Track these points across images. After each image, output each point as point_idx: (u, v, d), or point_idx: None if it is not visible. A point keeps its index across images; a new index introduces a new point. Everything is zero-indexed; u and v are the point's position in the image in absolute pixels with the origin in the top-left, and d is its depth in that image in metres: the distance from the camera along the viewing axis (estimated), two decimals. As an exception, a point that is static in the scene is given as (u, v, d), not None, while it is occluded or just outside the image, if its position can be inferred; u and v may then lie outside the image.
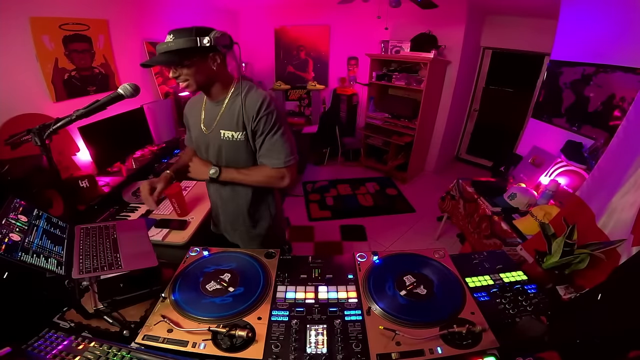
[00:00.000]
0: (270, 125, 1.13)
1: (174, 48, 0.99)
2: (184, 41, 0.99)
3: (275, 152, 1.16)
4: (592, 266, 1.04)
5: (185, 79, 1.06)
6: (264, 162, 1.19)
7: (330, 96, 4.70)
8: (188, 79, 1.06)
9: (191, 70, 1.04)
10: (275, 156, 1.17)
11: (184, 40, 0.98)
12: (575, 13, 2.33)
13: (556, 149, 2.31)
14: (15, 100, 1.74)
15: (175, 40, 0.99)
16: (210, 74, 1.09)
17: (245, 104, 1.12)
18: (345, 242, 3.04)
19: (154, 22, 2.81)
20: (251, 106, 1.11)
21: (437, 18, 3.55)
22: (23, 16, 1.76)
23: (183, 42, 0.99)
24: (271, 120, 1.13)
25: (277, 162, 1.17)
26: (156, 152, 2.59)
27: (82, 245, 1.00)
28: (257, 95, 1.12)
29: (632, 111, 1.24)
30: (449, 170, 4.62)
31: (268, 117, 1.12)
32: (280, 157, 1.16)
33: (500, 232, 1.90)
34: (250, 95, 1.13)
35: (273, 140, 1.15)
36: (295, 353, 0.77)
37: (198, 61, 1.05)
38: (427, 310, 0.88)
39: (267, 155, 1.17)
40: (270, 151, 1.16)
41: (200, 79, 1.08)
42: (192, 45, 0.99)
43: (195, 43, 0.99)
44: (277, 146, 1.16)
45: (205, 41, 0.99)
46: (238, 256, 1.11)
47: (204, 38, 0.99)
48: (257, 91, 1.14)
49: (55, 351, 0.76)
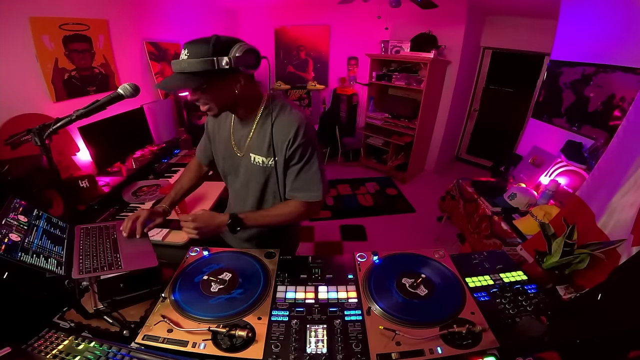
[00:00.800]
0: (308, 155, 1.03)
1: (188, 70, 0.87)
2: (199, 63, 0.85)
3: (313, 184, 1.06)
4: (592, 266, 1.04)
5: (205, 103, 0.96)
6: (298, 196, 1.08)
7: (330, 96, 4.71)
8: (208, 103, 0.96)
9: (210, 95, 0.93)
10: (312, 189, 1.07)
11: (199, 62, 0.85)
12: (575, 13, 2.34)
13: (556, 149, 2.31)
14: (15, 100, 1.74)
15: (189, 61, 0.86)
16: (232, 96, 0.96)
17: (277, 128, 1.01)
18: (345, 242, 3.04)
19: (154, 22, 2.81)
20: (284, 131, 1.00)
21: (437, 18, 3.55)
22: (23, 16, 1.76)
23: (198, 63, 0.85)
24: (308, 150, 1.03)
25: (314, 195, 1.07)
26: (156, 152, 2.59)
27: (82, 246, 1.00)
28: (292, 118, 1.01)
29: (632, 111, 1.25)
30: (449, 170, 4.62)
31: (305, 146, 1.02)
32: (318, 190, 1.07)
33: (500, 232, 1.90)
34: (282, 118, 1.02)
35: (311, 172, 1.05)
36: (295, 353, 0.77)
37: (217, 84, 0.92)
38: (427, 310, 0.88)
39: (304, 188, 1.07)
40: (308, 183, 1.06)
41: (222, 102, 0.97)
42: (208, 68, 0.85)
43: (212, 65, 0.85)
44: (315, 178, 1.06)
45: (223, 63, 0.85)
46: (238, 256, 1.11)
47: (222, 59, 0.85)
48: (290, 113, 1.02)
49: (55, 351, 0.76)
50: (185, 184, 1.33)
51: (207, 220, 1.04)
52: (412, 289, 0.95)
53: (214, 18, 3.81)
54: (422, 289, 0.94)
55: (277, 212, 1.11)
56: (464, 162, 4.87)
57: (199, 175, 1.36)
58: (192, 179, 1.34)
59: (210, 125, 1.22)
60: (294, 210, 1.10)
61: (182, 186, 1.32)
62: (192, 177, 1.34)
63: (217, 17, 3.91)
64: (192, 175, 1.35)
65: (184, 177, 1.35)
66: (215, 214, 1.07)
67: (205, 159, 1.32)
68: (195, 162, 1.36)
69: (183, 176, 1.35)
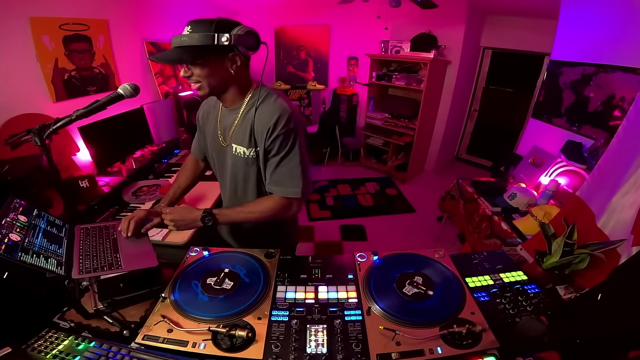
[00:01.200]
0: (288, 147, 0.98)
1: (187, 44, 0.87)
2: (199, 37, 0.86)
3: (292, 179, 1.02)
4: (592, 266, 1.04)
5: (197, 81, 0.94)
6: (276, 191, 1.05)
7: (330, 96, 4.71)
8: (200, 80, 0.94)
9: (204, 71, 0.92)
10: (291, 184, 1.02)
11: (200, 35, 0.86)
12: (575, 13, 2.34)
13: (556, 149, 2.31)
14: (15, 100, 1.74)
15: (190, 35, 0.86)
16: (226, 77, 0.96)
17: (258, 116, 0.98)
18: (345, 242, 3.04)
19: (154, 22, 2.81)
20: (265, 120, 0.97)
21: (437, 18, 3.55)
22: (23, 16, 1.76)
23: (198, 37, 0.86)
24: (289, 141, 0.98)
25: (293, 192, 1.03)
26: (156, 152, 2.59)
27: (82, 245, 1.00)
28: (274, 107, 0.97)
29: (632, 111, 1.25)
30: (449, 170, 4.62)
31: (286, 137, 0.97)
32: (297, 186, 1.02)
33: (500, 232, 1.90)
34: (265, 106, 0.99)
35: (291, 165, 1.00)
36: (295, 353, 0.77)
37: (214, 61, 0.91)
38: (427, 310, 0.88)
39: (282, 182, 1.03)
40: (287, 178, 1.02)
41: (214, 81, 0.95)
42: (207, 43, 0.86)
43: (212, 40, 0.86)
44: (295, 172, 1.01)
45: (223, 39, 0.86)
46: (238, 256, 1.11)
47: (222, 35, 0.86)
48: (275, 102, 0.99)
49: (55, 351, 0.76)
50: (182, 182, 1.32)
51: (183, 214, 1.06)
52: (412, 289, 0.95)
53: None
54: (422, 289, 0.94)
55: (251, 209, 1.07)
56: (464, 162, 4.87)
57: (196, 173, 1.35)
58: (189, 177, 1.34)
59: (200, 117, 1.21)
60: (270, 206, 1.06)
61: (179, 185, 1.32)
62: (189, 175, 1.34)
63: (217, 17, 3.90)
64: (189, 173, 1.34)
65: (181, 175, 1.34)
66: (191, 209, 1.08)
67: (200, 155, 1.31)
68: (192, 159, 1.36)
69: (180, 175, 1.35)
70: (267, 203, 1.07)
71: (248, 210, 1.07)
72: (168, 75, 3.01)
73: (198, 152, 1.31)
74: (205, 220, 1.04)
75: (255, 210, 1.07)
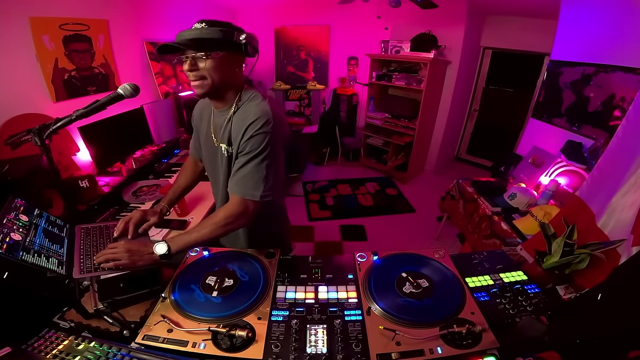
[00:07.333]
0: (260, 150, 0.95)
1: (207, 36, 0.89)
2: (220, 31, 0.89)
3: (254, 181, 0.97)
4: (592, 266, 1.04)
5: (202, 76, 0.93)
6: (234, 190, 1.00)
7: (330, 96, 4.71)
8: (205, 75, 0.93)
9: (213, 65, 0.92)
10: (252, 186, 0.97)
11: (220, 30, 0.89)
12: (575, 13, 2.34)
13: (556, 149, 2.31)
14: (15, 100, 1.74)
15: (209, 28, 0.89)
16: (228, 75, 0.97)
17: (238, 116, 0.98)
18: (345, 242, 3.04)
19: (154, 22, 2.81)
20: (243, 120, 0.96)
21: (437, 18, 3.55)
22: (23, 16, 1.76)
23: (219, 31, 0.89)
24: (262, 144, 0.95)
25: (250, 194, 0.97)
26: (156, 152, 2.59)
27: (83, 245, 1.00)
28: (256, 109, 0.96)
29: (631, 111, 1.24)
30: (449, 170, 4.62)
31: (259, 140, 0.94)
32: (257, 188, 0.97)
33: (500, 232, 1.90)
34: (246, 107, 0.98)
35: (256, 167, 0.96)
36: (295, 353, 0.77)
37: (225, 58, 0.93)
38: (427, 310, 0.88)
39: (243, 182, 0.98)
40: (248, 179, 0.97)
41: (219, 78, 0.94)
42: (228, 38, 0.90)
43: (232, 36, 0.90)
44: (258, 175, 0.97)
45: (241, 37, 0.92)
46: (238, 256, 1.11)
47: (241, 33, 0.92)
48: (258, 105, 0.98)
49: (55, 351, 0.76)
50: (182, 182, 1.33)
51: (139, 244, 0.97)
52: (412, 289, 0.95)
53: (213, 18, 3.80)
54: (422, 289, 0.94)
55: (204, 224, 1.00)
56: (464, 162, 4.87)
57: (195, 173, 1.36)
58: (188, 178, 1.35)
59: (195, 118, 1.22)
60: (221, 215, 0.99)
61: (179, 185, 1.33)
62: (188, 176, 1.35)
63: (217, 17, 3.86)
64: (188, 173, 1.35)
65: (180, 176, 1.36)
66: (145, 241, 1.00)
67: (198, 155, 1.31)
68: (191, 160, 1.37)
69: (180, 175, 1.36)
70: (218, 213, 1.01)
71: (200, 227, 1.00)
72: (168, 75, 3.01)
73: (195, 153, 1.31)
74: (159, 250, 0.94)
75: (208, 224, 1.00)
